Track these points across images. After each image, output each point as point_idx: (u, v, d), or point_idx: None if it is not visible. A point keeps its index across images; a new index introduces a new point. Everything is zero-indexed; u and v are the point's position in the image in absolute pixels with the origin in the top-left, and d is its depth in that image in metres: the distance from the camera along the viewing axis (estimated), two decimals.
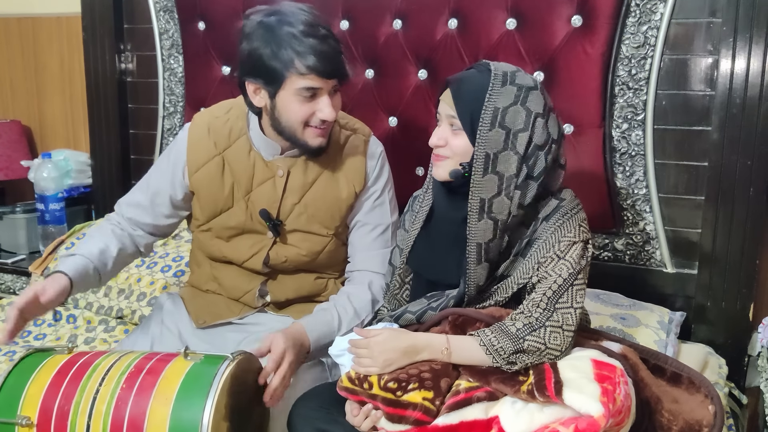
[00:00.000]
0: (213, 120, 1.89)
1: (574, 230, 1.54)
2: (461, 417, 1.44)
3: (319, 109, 1.71)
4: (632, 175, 2.21)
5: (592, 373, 1.43)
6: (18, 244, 3.02)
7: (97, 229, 1.93)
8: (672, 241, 2.23)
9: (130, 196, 1.97)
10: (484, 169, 1.51)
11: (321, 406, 1.57)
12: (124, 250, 1.90)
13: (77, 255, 1.80)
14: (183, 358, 1.45)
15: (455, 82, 1.57)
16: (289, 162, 1.83)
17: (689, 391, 1.60)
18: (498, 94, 1.51)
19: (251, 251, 1.87)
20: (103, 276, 1.85)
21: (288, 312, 1.92)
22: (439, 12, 2.36)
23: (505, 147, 1.51)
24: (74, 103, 3.27)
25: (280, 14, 1.69)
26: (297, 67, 1.65)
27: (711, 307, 2.17)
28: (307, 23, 1.67)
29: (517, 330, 1.48)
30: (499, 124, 1.50)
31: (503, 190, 1.52)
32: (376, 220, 1.90)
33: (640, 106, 2.17)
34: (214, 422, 1.33)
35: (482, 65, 1.58)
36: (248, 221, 1.85)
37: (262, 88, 1.72)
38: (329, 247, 1.88)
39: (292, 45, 1.64)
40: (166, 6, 2.84)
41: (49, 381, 1.42)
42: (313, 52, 1.64)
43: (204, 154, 1.86)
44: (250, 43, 1.69)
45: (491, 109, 1.50)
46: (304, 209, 1.84)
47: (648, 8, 2.12)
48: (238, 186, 1.85)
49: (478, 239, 1.53)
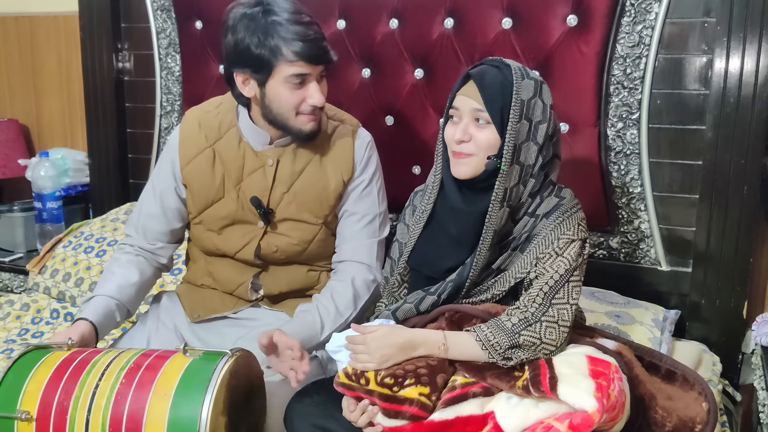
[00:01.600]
0: (203, 115, 1.92)
1: (573, 228, 1.56)
2: (457, 412, 1.45)
3: (309, 95, 1.74)
4: (627, 174, 2.22)
5: (587, 369, 1.44)
6: (15, 242, 3.02)
7: (113, 262, 1.94)
8: (666, 239, 2.24)
9: (139, 210, 1.98)
10: (512, 160, 1.54)
11: (318, 402, 1.59)
12: (144, 276, 1.92)
13: (96, 296, 1.83)
14: (182, 355, 1.46)
15: (479, 75, 1.57)
16: (278, 152, 1.85)
17: (683, 388, 1.61)
18: (522, 86, 1.54)
19: (243, 241, 1.88)
20: (131, 308, 1.89)
21: (282, 307, 1.93)
22: (436, 11, 2.37)
23: (528, 138, 1.55)
24: (72, 102, 3.27)
25: (262, 4, 1.72)
26: (285, 55, 1.68)
27: (705, 305, 2.18)
28: (291, 11, 1.70)
29: (512, 325, 1.49)
30: (524, 115, 1.54)
31: (521, 178, 1.56)
32: (363, 209, 1.91)
33: (635, 105, 2.19)
34: (212, 417, 1.34)
35: (494, 61, 1.60)
36: (239, 211, 1.87)
37: (250, 77, 1.75)
38: (319, 235, 1.90)
39: (278, 32, 1.68)
40: (164, 5, 2.84)
41: (49, 376, 1.43)
42: (300, 39, 1.68)
43: (195, 147, 1.88)
44: (236, 34, 1.72)
45: (519, 101, 1.53)
46: (293, 198, 1.86)
47: (643, 8, 2.13)
48: (229, 176, 1.87)
49: (495, 226, 1.56)
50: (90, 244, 2.68)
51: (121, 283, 1.86)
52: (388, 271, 1.82)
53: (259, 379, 1.63)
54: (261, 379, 1.64)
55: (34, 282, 2.69)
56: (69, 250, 2.69)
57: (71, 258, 2.66)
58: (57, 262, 2.68)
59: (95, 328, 1.74)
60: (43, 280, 2.66)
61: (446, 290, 1.61)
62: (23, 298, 2.63)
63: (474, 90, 1.56)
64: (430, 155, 1.73)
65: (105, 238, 2.67)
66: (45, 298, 2.63)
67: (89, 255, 2.63)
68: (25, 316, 2.55)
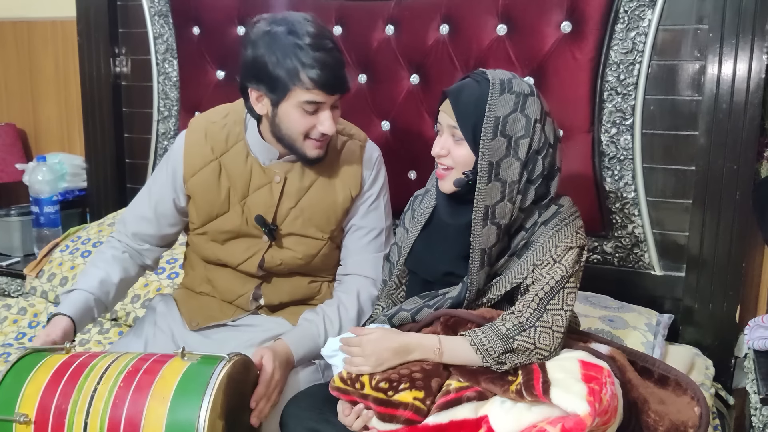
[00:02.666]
0: (210, 125, 1.89)
1: (571, 236, 1.57)
2: (451, 416, 1.45)
3: (320, 123, 1.72)
4: (621, 179, 2.24)
5: (580, 374, 1.45)
6: (13, 246, 3.02)
7: (98, 255, 1.94)
8: (660, 244, 2.25)
9: (132, 210, 1.97)
10: (488, 177, 1.54)
11: (313, 406, 1.59)
12: (127, 274, 1.92)
13: (76, 290, 1.82)
14: (180, 358, 1.46)
15: (454, 93, 1.58)
16: (286, 167, 1.84)
17: (676, 392, 1.62)
18: (497, 103, 1.53)
19: (246, 254, 1.87)
20: (108, 305, 1.89)
21: (281, 314, 1.92)
22: (431, 18, 2.38)
23: (507, 154, 1.53)
24: (69, 107, 3.27)
25: (287, 23, 1.68)
26: (302, 80, 1.65)
27: (698, 309, 2.19)
28: (314, 35, 1.67)
29: (507, 330, 1.50)
30: (500, 132, 1.52)
31: (506, 195, 1.55)
32: (370, 224, 1.90)
33: (628, 111, 2.20)
34: (210, 421, 1.35)
35: (479, 74, 1.59)
36: (243, 226, 1.86)
37: (265, 96, 1.72)
38: (324, 250, 1.89)
39: (298, 56, 1.64)
40: (161, 10, 2.85)
41: (47, 380, 1.43)
42: (319, 66, 1.65)
43: (200, 159, 1.86)
44: (256, 50, 1.69)
45: (492, 118, 1.52)
46: (300, 213, 1.84)
47: (636, 15, 2.15)
48: (235, 191, 1.85)
49: (482, 245, 1.56)
50: (87, 248, 2.68)
51: (103, 278, 1.85)
52: (387, 273, 1.82)
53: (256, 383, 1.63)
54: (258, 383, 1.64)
55: (31, 286, 2.69)
56: (66, 254, 2.70)
57: (68, 262, 2.66)
58: (54, 266, 2.68)
59: (74, 323, 1.74)
60: (40, 284, 2.67)
61: (444, 305, 1.63)
62: (20, 302, 2.64)
63: (449, 107, 1.57)
64: (426, 160, 1.74)
65: (102, 243, 2.67)
66: (42, 302, 2.64)
67: (86, 259, 2.63)
68: (22, 320, 2.56)
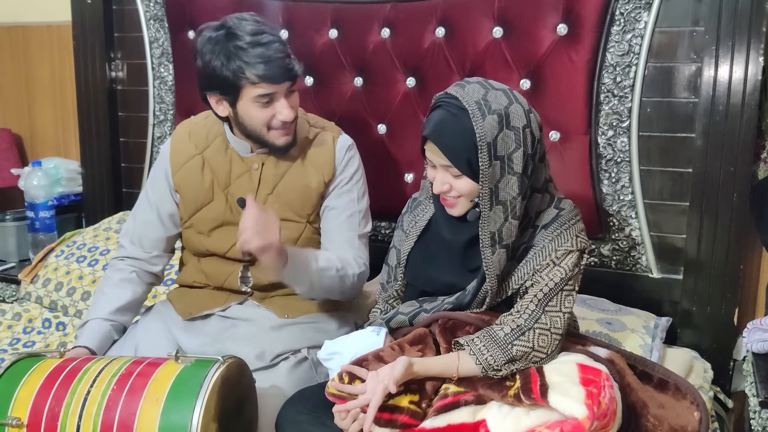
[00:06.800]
0: (192, 126, 2.03)
1: (572, 240, 1.56)
2: (449, 420, 1.45)
3: (278, 111, 1.81)
4: (618, 182, 2.23)
5: (578, 377, 1.44)
6: (8, 251, 3.01)
7: (105, 282, 2.01)
8: (657, 246, 2.25)
9: (135, 219, 2.05)
10: (490, 203, 1.53)
11: (309, 410, 1.59)
12: (136, 294, 1.99)
13: (91, 321, 1.90)
14: (174, 361, 1.46)
15: (435, 134, 1.54)
16: (262, 157, 1.94)
17: (675, 397, 1.62)
18: (483, 128, 1.49)
19: (231, 241, 1.90)
20: (127, 325, 1.98)
21: (270, 304, 1.95)
22: (427, 21, 2.38)
23: (503, 174, 1.52)
24: (65, 112, 3.27)
25: (226, 27, 1.78)
26: (248, 77, 1.76)
27: (696, 312, 2.18)
28: (252, 32, 1.77)
29: (505, 335, 1.50)
30: (494, 156, 1.50)
31: (509, 214, 1.54)
32: (343, 205, 1.96)
33: (625, 114, 2.20)
34: (203, 423, 1.35)
35: (449, 103, 1.53)
36: (228, 213, 1.94)
37: (222, 99, 1.84)
38: (305, 233, 1.96)
39: (239, 56, 1.75)
40: (156, 15, 2.85)
41: (40, 384, 1.43)
42: (261, 61, 1.75)
43: (185, 155, 1.98)
44: (203, 57, 1.80)
45: (485, 145, 1.49)
46: (277, 198, 1.93)
47: (632, 17, 2.14)
48: (218, 180, 1.95)
49: (496, 271, 1.55)
50: (82, 253, 2.67)
51: (114, 303, 1.93)
52: (385, 277, 1.83)
53: (251, 386, 1.63)
54: (252, 386, 1.64)
55: (26, 291, 2.68)
56: (61, 259, 2.69)
57: (63, 267, 2.65)
58: (49, 271, 2.67)
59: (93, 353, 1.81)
60: (35, 289, 2.66)
61: (442, 309, 1.63)
62: (15, 307, 2.63)
63: (436, 149, 1.55)
64: (422, 163, 1.73)
65: (98, 248, 2.67)
66: (37, 308, 2.63)
67: (81, 264, 2.63)
68: (16, 325, 2.55)
